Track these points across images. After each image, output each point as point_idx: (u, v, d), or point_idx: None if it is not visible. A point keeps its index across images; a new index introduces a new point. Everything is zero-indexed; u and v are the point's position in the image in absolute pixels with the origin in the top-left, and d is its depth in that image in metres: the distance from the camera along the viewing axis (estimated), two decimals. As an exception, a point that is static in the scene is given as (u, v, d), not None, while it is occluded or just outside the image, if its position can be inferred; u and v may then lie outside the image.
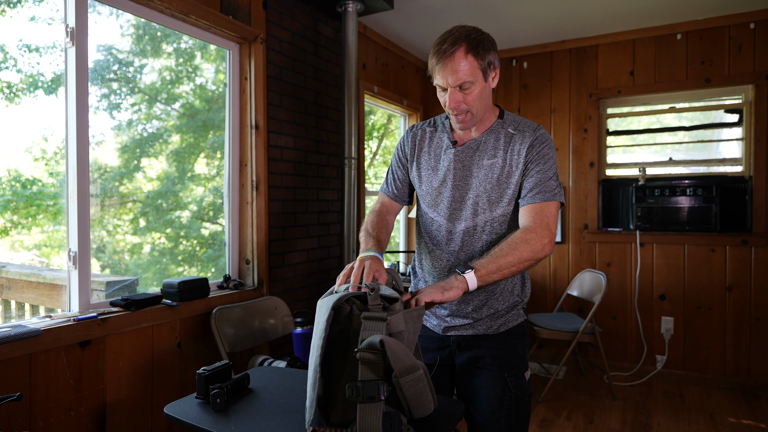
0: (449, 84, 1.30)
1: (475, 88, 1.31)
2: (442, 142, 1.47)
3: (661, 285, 3.59)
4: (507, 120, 1.44)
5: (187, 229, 2.69)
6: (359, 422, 0.93)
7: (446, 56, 1.28)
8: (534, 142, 1.37)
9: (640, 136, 3.82)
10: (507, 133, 1.41)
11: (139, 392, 1.99)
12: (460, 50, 1.27)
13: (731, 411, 3.03)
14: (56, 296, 1.94)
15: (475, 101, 1.33)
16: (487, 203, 1.39)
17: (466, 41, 1.28)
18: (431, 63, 1.32)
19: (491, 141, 1.41)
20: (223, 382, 1.25)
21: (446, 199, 1.43)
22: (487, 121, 1.43)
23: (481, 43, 1.30)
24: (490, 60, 1.32)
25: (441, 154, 1.46)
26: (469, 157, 1.42)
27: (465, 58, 1.27)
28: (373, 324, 1.00)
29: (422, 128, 1.53)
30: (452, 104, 1.32)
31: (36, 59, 1.93)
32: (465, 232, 1.42)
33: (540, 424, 2.87)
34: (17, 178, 1.97)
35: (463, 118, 1.35)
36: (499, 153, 1.39)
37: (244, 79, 2.59)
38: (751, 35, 3.34)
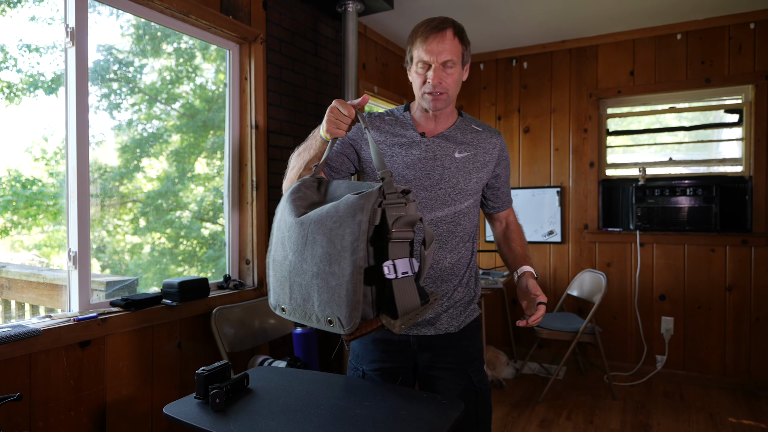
0: (436, 60, 1.33)
1: (455, 71, 1.37)
2: (407, 131, 1.47)
3: (661, 285, 3.59)
4: (467, 118, 1.52)
5: (187, 229, 2.69)
6: (398, 298, 1.00)
7: (437, 31, 1.33)
8: (503, 146, 1.51)
9: (640, 136, 3.82)
10: (472, 129, 1.49)
11: (139, 392, 1.99)
12: (449, 30, 1.35)
13: (731, 411, 3.03)
14: (56, 296, 1.94)
15: (453, 84, 1.38)
16: (458, 195, 1.43)
17: (453, 26, 1.36)
18: (417, 40, 1.36)
19: (459, 135, 1.46)
20: (222, 382, 1.25)
21: (416, 188, 1.43)
22: (450, 117, 1.49)
23: (464, 33, 1.39)
24: (468, 52, 1.41)
25: (407, 141, 1.45)
26: (440, 148, 1.44)
27: (453, 39, 1.35)
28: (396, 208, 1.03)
29: (380, 116, 1.51)
30: (436, 79, 1.34)
31: (36, 59, 1.93)
32: (433, 222, 1.43)
33: (540, 424, 2.87)
34: (17, 178, 1.97)
35: (439, 96, 1.37)
36: (469, 148, 1.45)
37: (244, 79, 2.59)
38: (751, 35, 3.34)
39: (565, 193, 3.90)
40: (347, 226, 1.00)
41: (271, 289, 1.17)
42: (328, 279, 1.00)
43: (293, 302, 1.09)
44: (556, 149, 3.93)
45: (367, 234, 0.99)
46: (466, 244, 1.49)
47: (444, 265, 1.44)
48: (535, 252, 4.01)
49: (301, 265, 1.07)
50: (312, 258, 1.04)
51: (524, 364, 3.82)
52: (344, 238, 0.99)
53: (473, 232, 1.51)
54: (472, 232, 1.50)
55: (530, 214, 3.99)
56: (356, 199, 1.02)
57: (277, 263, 1.14)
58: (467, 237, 1.48)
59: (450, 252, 1.45)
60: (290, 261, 1.09)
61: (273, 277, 1.16)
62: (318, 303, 1.03)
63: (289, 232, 1.11)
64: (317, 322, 1.04)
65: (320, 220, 1.05)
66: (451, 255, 1.45)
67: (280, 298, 1.13)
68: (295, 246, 1.08)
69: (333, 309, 1.00)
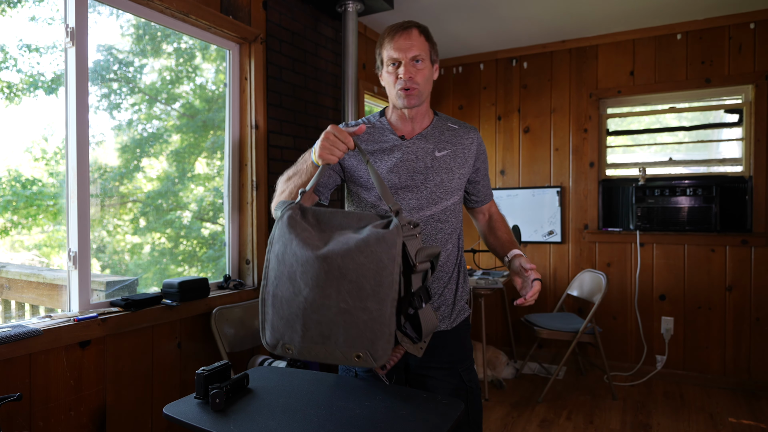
0: (405, 56, 1.39)
1: (424, 66, 1.42)
2: (385, 136, 1.49)
3: (661, 285, 3.59)
4: (443, 117, 1.56)
5: (187, 229, 2.69)
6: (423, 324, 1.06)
7: (402, 29, 1.40)
8: (480, 141, 1.56)
9: (640, 136, 3.82)
10: (449, 127, 1.53)
11: (139, 392, 1.99)
12: (414, 28, 1.42)
13: (731, 411, 3.03)
14: (56, 296, 1.94)
15: (423, 80, 1.42)
16: (443, 193, 1.46)
17: (417, 25, 1.43)
18: (385, 41, 1.43)
19: (437, 134, 1.50)
20: (222, 382, 1.25)
21: (402, 190, 1.45)
22: (426, 117, 1.52)
23: (429, 32, 1.46)
24: (435, 52, 1.47)
25: (387, 146, 1.48)
26: (420, 149, 1.47)
27: (419, 36, 1.41)
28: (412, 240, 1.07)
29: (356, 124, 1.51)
30: (407, 74, 1.39)
31: (36, 59, 1.93)
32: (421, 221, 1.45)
33: (540, 424, 2.87)
34: (17, 178, 1.97)
35: (411, 92, 1.41)
36: (448, 146, 1.49)
37: (244, 79, 2.59)
38: (751, 35, 3.34)
39: (565, 193, 3.90)
40: (381, 261, 1.01)
41: (270, 326, 1.10)
42: (359, 314, 1.00)
43: (307, 340, 1.04)
44: (556, 149, 3.93)
45: (400, 268, 1.02)
46: (453, 240, 1.51)
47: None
48: (535, 252, 4.01)
49: (322, 300, 1.03)
50: (338, 293, 1.02)
51: (524, 364, 3.82)
52: (379, 273, 1.00)
53: (459, 229, 1.55)
54: (458, 229, 1.54)
55: (530, 214, 4.00)
56: (387, 233, 1.03)
57: (283, 299, 1.08)
58: (454, 233, 1.52)
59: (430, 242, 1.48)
60: (305, 297, 1.05)
61: (275, 315, 1.10)
62: (344, 339, 1.01)
63: (304, 267, 1.06)
64: (342, 358, 1.02)
65: (349, 254, 1.03)
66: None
67: (285, 336, 1.08)
68: (313, 281, 1.04)
69: (364, 343, 0.99)
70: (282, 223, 1.14)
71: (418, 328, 1.07)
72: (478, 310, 3.96)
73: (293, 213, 1.16)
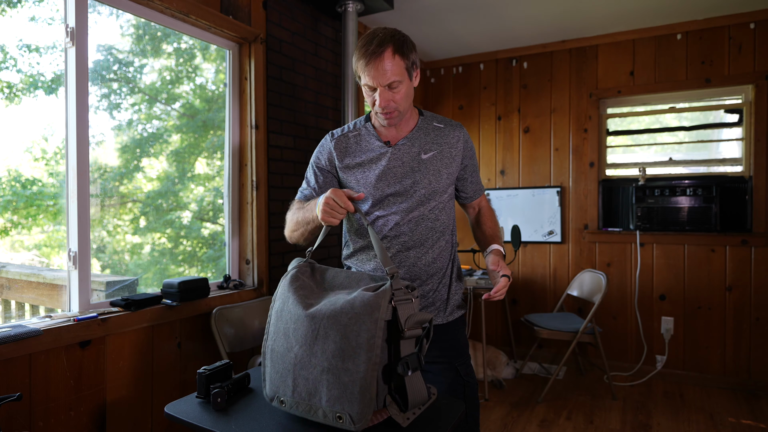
0: (379, 84, 1.35)
1: (402, 88, 1.38)
2: (372, 143, 1.51)
3: (661, 285, 3.59)
4: (428, 116, 1.55)
5: (187, 229, 2.69)
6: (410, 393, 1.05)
7: (375, 56, 1.32)
8: (466, 138, 1.54)
9: (640, 136, 3.82)
10: (434, 127, 1.52)
11: (139, 392, 1.99)
12: (387, 50, 1.33)
13: (731, 411, 3.03)
14: (56, 296, 1.94)
15: (402, 99, 1.39)
16: (432, 193, 1.48)
17: (392, 42, 1.34)
18: (359, 64, 1.37)
19: (422, 137, 1.50)
20: (223, 382, 1.25)
21: (392, 196, 1.48)
22: (411, 120, 1.52)
23: (405, 43, 1.37)
24: (413, 60, 1.40)
25: (374, 155, 1.50)
26: (406, 154, 1.48)
27: (392, 58, 1.34)
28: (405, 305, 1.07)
29: (344, 134, 1.55)
30: (383, 103, 1.37)
31: (36, 59, 1.93)
32: (414, 222, 1.48)
33: (540, 424, 2.87)
34: (17, 178, 1.97)
35: (390, 116, 1.41)
36: (434, 147, 1.50)
37: (244, 79, 2.59)
38: (751, 35, 3.34)
39: (565, 193, 3.90)
40: (363, 323, 1.03)
41: (269, 379, 1.15)
42: (341, 375, 1.02)
43: (296, 396, 1.08)
44: (556, 149, 3.93)
45: (383, 331, 1.03)
46: (446, 237, 1.54)
47: (426, 260, 1.48)
48: (535, 252, 4.01)
49: (309, 359, 1.07)
50: (323, 353, 1.05)
51: (524, 364, 3.82)
52: (360, 335, 1.02)
53: (451, 225, 1.57)
54: (450, 225, 1.56)
55: (530, 214, 4.00)
56: (372, 297, 1.05)
57: (278, 354, 1.13)
58: (446, 230, 1.54)
59: (431, 247, 1.50)
60: (296, 354, 1.09)
61: (272, 368, 1.14)
62: (327, 398, 1.03)
63: (296, 325, 1.11)
64: (323, 417, 1.04)
65: (334, 315, 1.06)
66: (432, 250, 1.50)
67: (279, 390, 1.12)
68: (303, 339, 1.08)
69: (344, 405, 1.01)
70: (285, 281, 1.21)
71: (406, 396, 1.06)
72: (478, 310, 3.96)
73: (298, 271, 1.23)
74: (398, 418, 1.05)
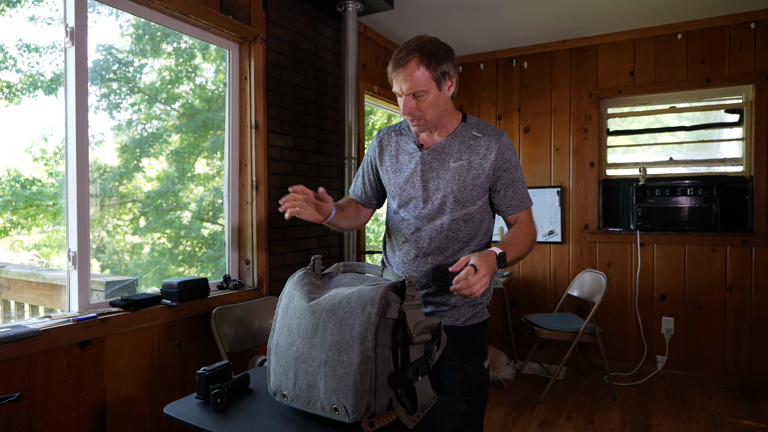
0: (403, 91, 1.39)
1: (427, 97, 1.39)
2: (408, 145, 1.56)
3: (662, 285, 3.59)
4: (470, 124, 1.53)
5: (187, 229, 2.68)
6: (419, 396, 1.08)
7: (400, 65, 1.37)
8: (503, 149, 1.48)
9: (640, 136, 3.82)
10: (472, 135, 1.51)
11: (139, 392, 1.99)
12: (413, 61, 1.36)
13: (731, 411, 3.03)
14: (56, 296, 1.93)
15: (428, 109, 1.41)
16: (454, 203, 1.48)
17: (419, 52, 1.36)
18: (388, 71, 1.42)
19: (456, 144, 1.50)
20: (223, 382, 1.24)
21: (415, 199, 1.52)
22: (450, 125, 1.52)
23: (435, 54, 1.37)
24: (444, 70, 1.40)
25: (407, 157, 1.55)
26: (435, 160, 1.50)
27: (417, 68, 1.36)
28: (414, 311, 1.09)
29: (388, 132, 1.63)
30: (406, 110, 1.41)
31: (36, 59, 1.93)
32: (433, 230, 1.50)
33: (540, 425, 2.87)
34: (17, 178, 1.96)
35: (417, 123, 1.44)
36: (464, 156, 1.48)
37: (243, 79, 2.59)
38: (751, 35, 3.34)
39: (565, 193, 3.90)
40: (357, 317, 1.06)
41: (273, 374, 1.19)
42: (336, 367, 1.05)
43: (297, 388, 1.11)
44: (556, 149, 3.93)
45: (376, 326, 1.05)
46: (470, 247, 1.53)
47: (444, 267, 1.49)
48: (535, 252, 4.00)
49: (309, 351, 1.10)
50: (321, 345, 1.08)
51: (524, 364, 3.81)
52: (354, 328, 1.05)
53: (479, 237, 1.55)
54: (477, 237, 1.54)
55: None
56: (368, 292, 1.08)
57: (281, 349, 1.17)
58: (472, 241, 1.53)
59: (451, 256, 1.51)
60: (297, 347, 1.13)
61: (275, 363, 1.18)
62: (324, 390, 1.06)
63: (299, 319, 1.15)
64: (321, 409, 1.07)
65: (332, 309, 1.10)
66: (453, 259, 1.50)
67: (282, 384, 1.15)
68: (304, 332, 1.12)
69: (339, 397, 1.04)
70: (292, 280, 1.25)
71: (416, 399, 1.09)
72: (478, 310, 3.95)
73: (305, 272, 1.28)
74: (405, 420, 1.07)
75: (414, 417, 1.09)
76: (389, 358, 1.08)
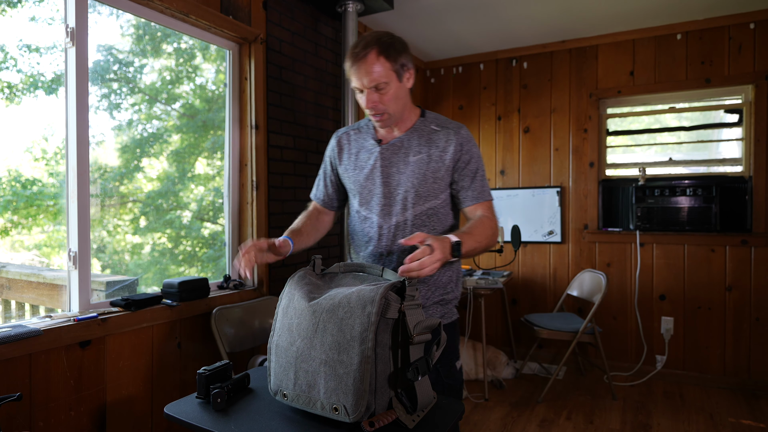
0: (365, 85, 1.37)
1: (389, 89, 1.38)
2: (367, 142, 1.54)
3: (661, 285, 3.59)
4: (429, 118, 1.52)
5: (187, 229, 2.69)
6: (419, 396, 1.08)
7: (359, 58, 1.35)
8: (462, 141, 1.46)
9: (640, 136, 3.82)
10: (431, 129, 1.49)
11: (139, 392, 1.99)
12: (372, 53, 1.35)
13: (731, 411, 3.03)
14: (56, 296, 1.94)
15: (391, 101, 1.40)
16: (416, 197, 1.46)
17: (377, 44, 1.35)
18: (347, 67, 1.40)
19: (415, 138, 1.48)
20: (223, 382, 1.25)
21: (376, 196, 1.50)
22: (409, 120, 1.50)
23: (392, 46, 1.37)
24: (403, 62, 1.39)
25: (366, 154, 1.53)
26: (394, 155, 1.49)
27: (377, 60, 1.35)
28: (414, 311, 1.09)
29: (346, 132, 1.62)
30: (369, 104, 1.39)
31: (36, 59, 1.93)
32: (396, 227, 1.48)
33: (540, 424, 2.87)
34: (17, 178, 1.97)
35: (380, 118, 1.43)
36: (423, 149, 1.47)
37: (244, 79, 2.59)
38: (751, 35, 3.34)
39: (565, 193, 3.90)
40: (357, 317, 1.06)
41: (273, 374, 1.19)
42: (336, 367, 1.05)
43: (297, 388, 1.12)
44: (556, 149, 3.93)
45: (376, 326, 1.05)
46: None
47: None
48: (535, 252, 4.01)
49: (309, 351, 1.10)
50: (321, 345, 1.09)
51: (524, 364, 3.82)
52: (354, 328, 1.05)
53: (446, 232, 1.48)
54: (445, 233, 1.49)
55: (530, 214, 4.00)
56: (368, 291, 1.09)
57: (281, 349, 1.17)
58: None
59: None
60: (297, 347, 1.13)
61: (276, 363, 1.18)
62: (324, 390, 1.07)
63: (299, 319, 1.15)
64: (321, 409, 1.07)
65: (332, 309, 1.10)
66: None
67: (282, 384, 1.15)
68: (304, 332, 1.13)
69: (339, 397, 1.04)
70: (293, 280, 1.25)
71: (416, 398, 1.09)
72: (478, 310, 3.96)
73: (305, 272, 1.28)
74: (405, 420, 1.07)
75: (414, 417, 1.09)
76: (389, 358, 1.08)
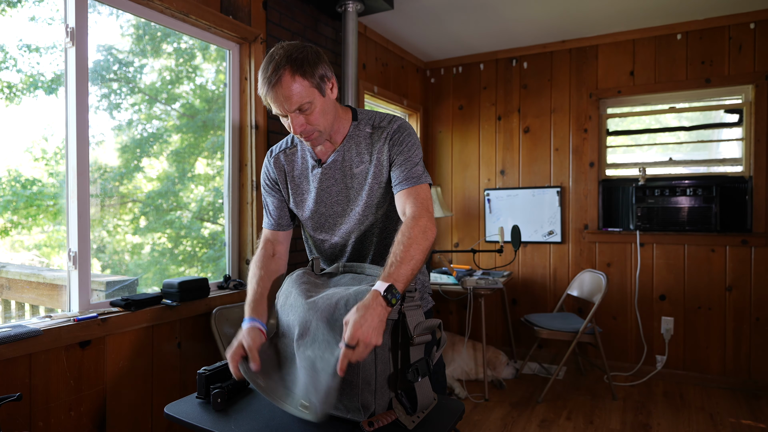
0: (287, 110, 1.24)
1: (314, 107, 1.26)
2: (307, 162, 1.43)
3: (661, 285, 3.59)
4: (362, 120, 1.41)
5: (187, 229, 2.69)
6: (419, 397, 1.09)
7: (273, 84, 1.21)
8: (393, 134, 1.35)
9: (640, 136, 3.82)
10: (365, 134, 1.38)
11: (139, 392, 1.99)
12: (285, 74, 1.20)
13: (731, 411, 3.03)
14: (56, 296, 1.94)
15: (318, 119, 1.28)
16: (370, 208, 1.38)
17: (288, 63, 1.21)
18: (261, 93, 1.26)
19: (353, 148, 1.38)
20: (223, 382, 1.25)
21: (330, 218, 1.41)
22: (342, 128, 1.39)
23: (306, 61, 1.23)
24: (321, 74, 1.26)
25: (309, 175, 1.42)
26: (338, 171, 1.38)
27: (294, 81, 1.21)
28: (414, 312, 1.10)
29: (283, 151, 1.48)
30: (297, 129, 1.27)
31: (36, 59, 1.93)
32: (357, 241, 1.40)
33: (540, 424, 2.87)
34: (17, 178, 1.97)
35: (312, 138, 1.31)
36: (365, 157, 1.37)
37: (244, 79, 2.59)
38: (751, 35, 3.34)
39: (565, 193, 3.90)
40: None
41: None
42: (316, 363, 1.07)
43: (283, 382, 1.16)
44: (556, 149, 3.93)
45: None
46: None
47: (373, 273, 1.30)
48: (535, 252, 4.01)
49: (303, 351, 1.13)
50: (312, 342, 1.11)
51: (524, 364, 3.82)
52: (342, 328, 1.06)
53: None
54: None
55: (530, 214, 4.00)
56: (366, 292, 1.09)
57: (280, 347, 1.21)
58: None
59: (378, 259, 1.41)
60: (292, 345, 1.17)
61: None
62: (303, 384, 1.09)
63: (294, 316, 1.17)
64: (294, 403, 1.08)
65: (328, 308, 1.12)
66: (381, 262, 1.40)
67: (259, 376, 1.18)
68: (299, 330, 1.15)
69: (311, 393, 1.05)
70: (290, 278, 1.26)
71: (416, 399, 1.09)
72: (478, 310, 3.96)
73: (304, 271, 1.28)
74: (405, 421, 1.07)
75: (414, 418, 1.10)
76: (389, 358, 1.09)
